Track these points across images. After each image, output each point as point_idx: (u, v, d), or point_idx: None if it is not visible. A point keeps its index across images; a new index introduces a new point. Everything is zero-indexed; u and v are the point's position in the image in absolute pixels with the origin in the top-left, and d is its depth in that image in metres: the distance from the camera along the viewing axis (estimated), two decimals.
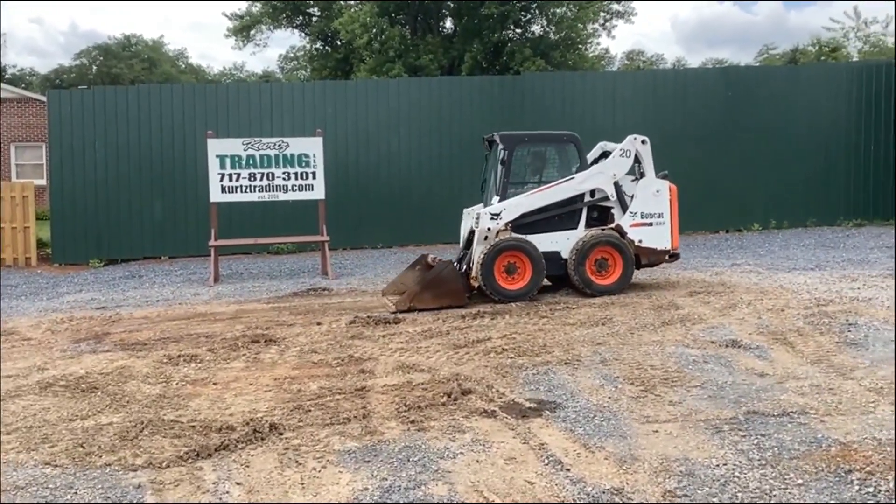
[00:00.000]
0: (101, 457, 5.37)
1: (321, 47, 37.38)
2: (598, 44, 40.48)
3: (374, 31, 30.01)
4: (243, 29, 37.33)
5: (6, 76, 49.38)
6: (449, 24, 34.43)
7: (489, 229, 10.73)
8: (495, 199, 10.97)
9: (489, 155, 11.65)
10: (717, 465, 4.86)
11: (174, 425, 5.97)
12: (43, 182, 24.65)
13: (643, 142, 11.02)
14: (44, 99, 25.85)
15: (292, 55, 43.86)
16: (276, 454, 5.30)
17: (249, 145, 14.35)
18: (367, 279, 13.70)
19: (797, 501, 4.36)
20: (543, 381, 6.79)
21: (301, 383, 7.07)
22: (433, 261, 11.34)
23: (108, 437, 5.77)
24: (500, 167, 10.95)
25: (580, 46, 33.83)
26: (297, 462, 5.15)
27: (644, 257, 10.95)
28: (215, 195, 14.33)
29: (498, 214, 10.73)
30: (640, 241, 10.90)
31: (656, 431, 5.49)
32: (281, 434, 5.68)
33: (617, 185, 10.98)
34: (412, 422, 5.85)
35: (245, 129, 17.27)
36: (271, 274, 15.14)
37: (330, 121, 17.86)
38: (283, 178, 14.37)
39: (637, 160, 11.09)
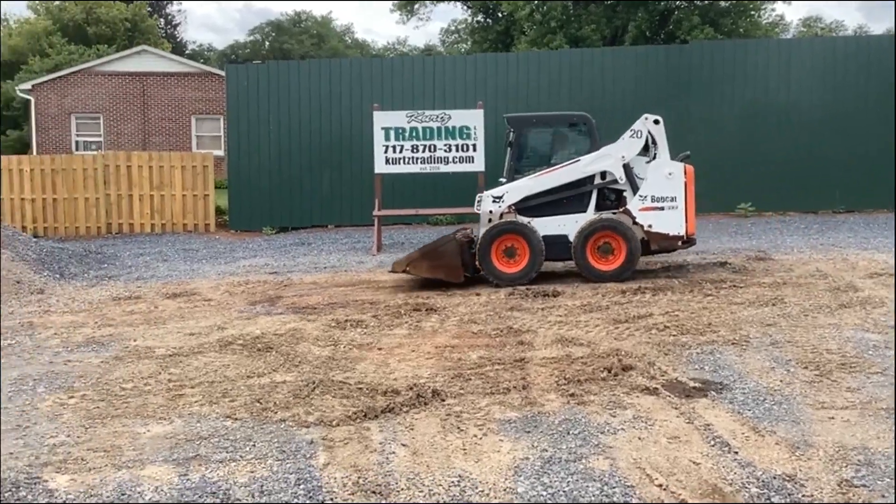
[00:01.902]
0: (276, 413, 5.69)
1: (482, 20, 37.43)
2: (772, 10, 38.38)
3: (536, 1, 29.71)
4: (407, 3, 37.93)
5: (187, 51, 52.48)
6: None
7: (491, 212, 10.60)
8: (502, 180, 10.85)
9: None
10: None
11: (342, 386, 6.24)
12: (221, 153, 26.12)
13: (656, 122, 10.46)
14: (221, 73, 27.33)
15: (453, 28, 44.21)
16: (438, 419, 5.44)
17: (413, 118, 14.62)
18: None
19: None
20: (708, 361, 6.59)
21: (461, 352, 7.20)
22: (465, 235, 10.90)
23: (282, 394, 6.10)
24: (508, 149, 10.80)
25: (752, 13, 32.17)
26: (458, 428, 5.26)
27: (654, 243, 10.40)
28: (380, 166, 14.72)
29: (500, 197, 10.59)
30: (649, 226, 10.30)
31: (832, 418, 5.21)
32: (443, 400, 5.81)
33: (627, 168, 10.46)
34: (571, 395, 5.84)
35: (408, 101, 17.59)
36: None
37: (490, 93, 17.88)
38: (445, 150, 14.57)
39: (652, 141, 10.53)
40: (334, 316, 8.96)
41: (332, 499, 4.26)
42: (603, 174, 10.54)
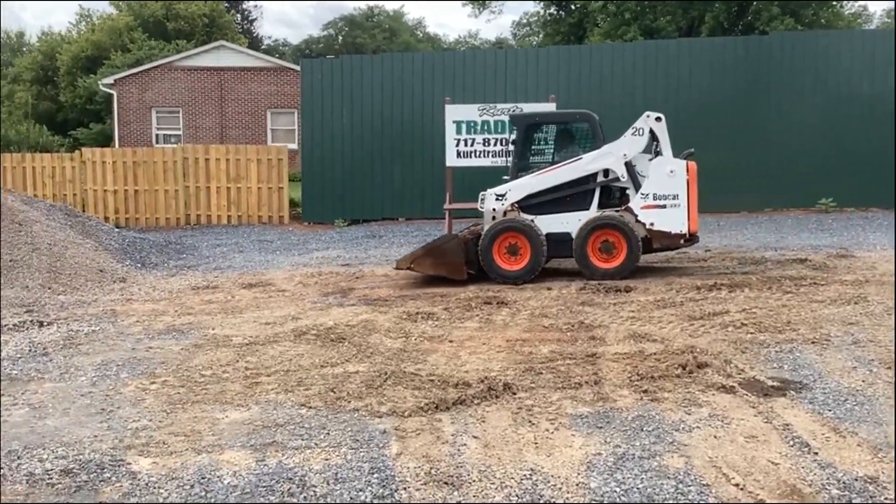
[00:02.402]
0: (349, 402, 5.77)
1: (555, 12, 37.16)
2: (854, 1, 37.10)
3: None
4: None
5: (262, 46, 53.41)
6: None
7: (494, 210, 10.64)
8: (506, 178, 10.91)
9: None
10: None
11: (414, 378, 6.28)
12: (294, 146, 26.55)
13: (658, 119, 10.29)
14: (295, 67, 27.77)
15: (525, 21, 44.02)
16: (509, 412, 5.43)
17: (484, 111, 14.57)
18: None
19: None
20: (787, 360, 6.43)
21: (532, 346, 7.18)
22: (472, 232, 11.08)
23: (355, 384, 6.18)
24: (512, 147, 10.81)
25: (834, 4, 31.18)
26: (530, 422, 5.25)
27: (656, 241, 10.27)
28: (451, 160, 14.70)
29: (503, 195, 10.65)
30: (651, 224, 10.18)
31: None
32: (514, 394, 5.81)
33: (629, 166, 10.34)
34: (645, 391, 5.77)
35: (480, 95, 17.58)
36: None
37: (563, 86, 17.75)
38: None
39: (654, 139, 10.36)
40: (405, 308, 9.03)
41: (405, 488, 4.30)
42: (606, 172, 10.46)
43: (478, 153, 14.64)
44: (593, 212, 10.45)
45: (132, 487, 4.43)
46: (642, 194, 10.23)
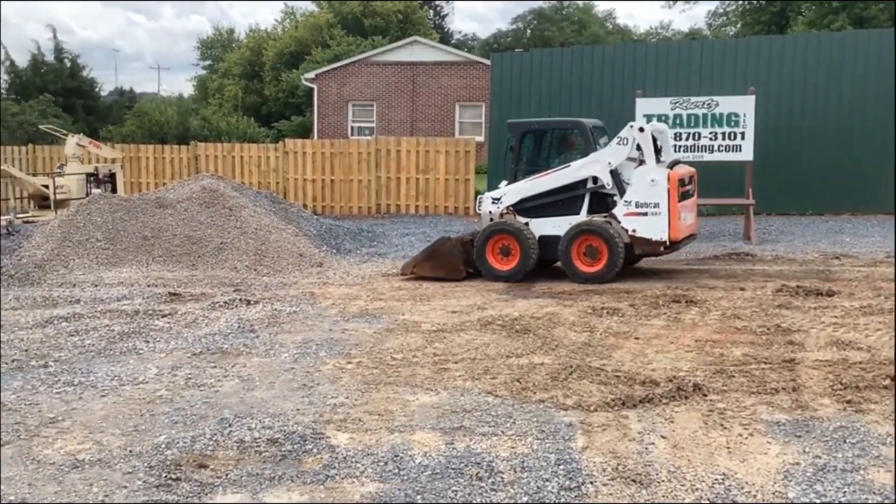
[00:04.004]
0: (535, 393, 5.83)
1: (755, 1, 35.43)
2: None
3: None
4: None
5: (452, 41, 54.47)
6: None
7: (491, 212, 11.05)
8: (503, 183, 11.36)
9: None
10: None
11: (599, 373, 6.26)
12: (481, 139, 26.92)
13: (640, 129, 10.51)
14: (484, 61, 28.13)
15: (721, 11, 42.18)
16: (700, 414, 5.30)
17: (677, 104, 14.22)
18: (795, 247, 12.89)
19: None
20: None
21: (723, 347, 6.95)
22: (472, 234, 11.41)
23: (540, 375, 6.24)
24: (509, 153, 11.32)
25: None
26: (721, 425, 5.10)
27: (638, 247, 10.45)
28: None
29: (499, 199, 11.09)
30: (633, 231, 10.36)
31: None
32: (705, 395, 5.66)
33: (615, 173, 10.53)
34: (848, 402, 5.45)
35: (672, 88, 17.07)
36: None
37: (763, 79, 16.88)
38: (710, 138, 14.04)
39: (637, 148, 10.51)
40: (590, 303, 8.98)
41: (591, 482, 4.31)
42: (595, 179, 10.70)
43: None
44: (583, 216, 10.75)
45: (331, 460, 4.71)
46: (625, 201, 10.47)
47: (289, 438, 5.02)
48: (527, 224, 10.81)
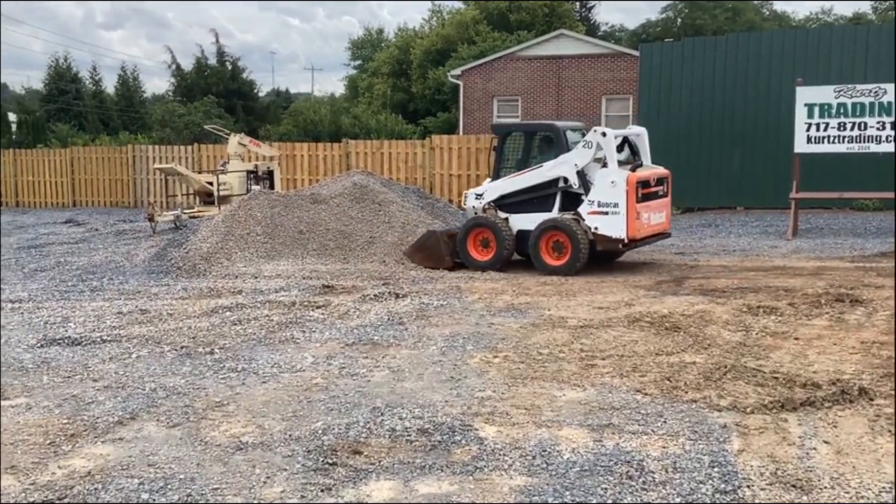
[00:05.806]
0: (686, 392, 5.69)
1: None
2: None
3: None
4: None
5: (599, 33, 53.67)
6: None
7: (475, 207, 11.86)
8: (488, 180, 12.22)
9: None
10: None
11: (756, 374, 6.03)
12: None
13: (603, 134, 11.00)
14: (632, 53, 27.54)
15: None
16: (866, 419, 5.02)
17: (841, 93, 13.48)
18: None
19: None
20: None
21: (892, 350, 6.53)
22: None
23: (692, 374, 6.07)
24: (493, 153, 12.21)
25: None
26: (889, 431, 4.81)
27: (600, 244, 11.03)
28: (800, 146, 13.84)
29: (481, 195, 11.92)
30: (595, 228, 10.95)
31: None
32: (871, 400, 5.35)
33: (581, 174, 11.13)
34: None
35: (835, 75, 16.18)
36: (855, 231, 14.15)
37: None
38: (878, 128, 13.24)
39: (598, 149, 11.04)
40: (745, 301, 8.65)
41: (748, 486, 4.16)
42: (565, 179, 11.29)
43: (831, 139, 13.65)
44: (555, 213, 11.37)
45: (480, 452, 4.77)
46: (589, 201, 11.04)
47: (438, 429, 5.12)
48: (506, 219, 11.62)
